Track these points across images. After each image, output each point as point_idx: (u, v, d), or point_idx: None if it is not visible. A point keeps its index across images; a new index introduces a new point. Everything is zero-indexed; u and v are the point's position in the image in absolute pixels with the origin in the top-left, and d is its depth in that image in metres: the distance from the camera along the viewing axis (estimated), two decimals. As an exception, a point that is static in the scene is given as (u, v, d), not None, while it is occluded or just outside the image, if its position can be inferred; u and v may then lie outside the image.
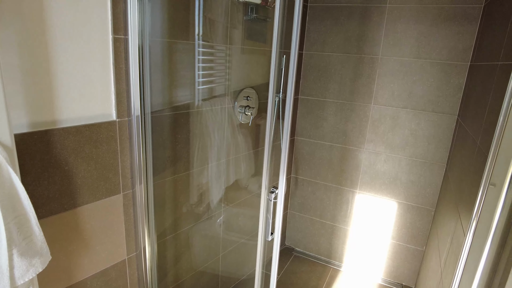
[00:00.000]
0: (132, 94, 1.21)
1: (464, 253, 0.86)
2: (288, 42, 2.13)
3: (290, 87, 0.95)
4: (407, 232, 2.17)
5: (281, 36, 0.97)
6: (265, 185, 1.01)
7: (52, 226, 1.10)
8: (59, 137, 1.06)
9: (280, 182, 1.01)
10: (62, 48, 1.01)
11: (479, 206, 0.82)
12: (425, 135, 1.98)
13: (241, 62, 1.74)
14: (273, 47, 0.93)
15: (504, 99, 0.77)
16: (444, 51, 1.84)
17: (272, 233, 1.06)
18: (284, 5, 0.96)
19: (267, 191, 1.02)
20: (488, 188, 0.80)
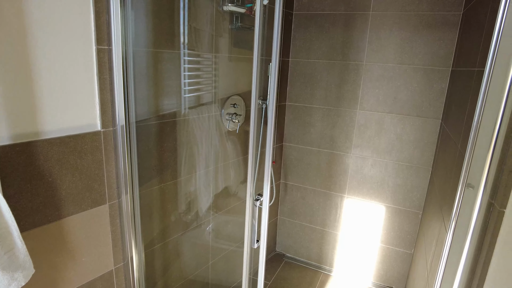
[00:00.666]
0: (116, 104, 1.21)
1: (444, 254, 0.88)
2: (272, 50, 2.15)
3: (272, 94, 0.96)
4: (395, 235, 2.19)
5: (262, 44, 0.98)
6: (250, 193, 1.02)
7: (36, 238, 1.08)
8: (43, 149, 1.05)
9: (265, 189, 1.02)
10: (45, 60, 1.01)
11: (457, 208, 0.84)
12: (410, 139, 2.02)
13: (228, 70, 1.76)
14: (254, 55, 0.95)
15: (477, 104, 0.80)
16: (426, 57, 1.88)
17: (258, 241, 1.07)
18: (264, 14, 0.98)
19: (252, 198, 1.03)
20: (466, 189, 0.82)
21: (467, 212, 0.83)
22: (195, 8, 1.51)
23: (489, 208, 0.80)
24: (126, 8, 1.17)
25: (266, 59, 2.07)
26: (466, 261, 0.85)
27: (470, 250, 0.84)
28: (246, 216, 1.04)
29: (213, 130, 1.74)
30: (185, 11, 1.46)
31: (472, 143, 0.80)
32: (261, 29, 0.92)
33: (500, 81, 0.74)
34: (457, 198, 0.84)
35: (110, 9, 1.13)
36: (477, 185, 0.81)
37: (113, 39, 1.15)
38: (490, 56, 0.75)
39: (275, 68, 0.94)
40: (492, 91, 0.77)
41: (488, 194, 0.80)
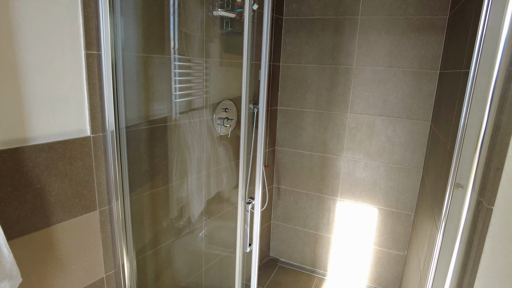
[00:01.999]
0: (106, 109, 1.20)
1: (435, 253, 0.88)
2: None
3: (263, 99, 0.97)
4: (388, 237, 2.20)
5: (251, 49, 0.99)
6: (241, 196, 1.01)
7: (24, 246, 1.06)
8: (31, 155, 1.04)
9: (257, 193, 1.02)
10: (32, 64, 1.00)
11: (447, 206, 0.85)
12: (401, 141, 2.04)
13: (219, 75, 1.76)
14: (244, 59, 0.95)
15: (463, 104, 0.81)
16: (415, 60, 1.91)
17: (250, 245, 1.06)
18: (253, 19, 0.99)
19: (244, 202, 1.03)
20: (455, 188, 0.83)
21: (457, 210, 0.84)
22: (185, 14, 1.51)
23: (478, 206, 0.81)
24: (115, 14, 1.17)
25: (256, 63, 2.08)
26: (457, 259, 0.85)
27: (461, 249, 0.85)
28: (238, 220, 1.03)
29: (204, 135, 1.74)
30: (175, 17, 1.46)
31: (459, 143, 0.81)
32: (250, 34, 0.92)
33: (484, 82, 0.76)
34: (447, 197, 0.85)
35: (99, 14, 1.12)
36: (466, 183, 0.82)
37: (102, 44, 1.15)
38: (474, 57, 0.77)
39: (265, 73, 0.94)
40: (477, 91, 0.79)
41: (476, 192, 0.81)
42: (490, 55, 0.74)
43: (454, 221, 0.85)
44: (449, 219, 0.85)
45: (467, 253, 0.84)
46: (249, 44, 0.93)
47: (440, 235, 0.87)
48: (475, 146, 0.78)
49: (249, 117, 2.08)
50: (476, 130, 0.77)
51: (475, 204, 0.81)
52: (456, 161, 0.81)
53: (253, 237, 1.06)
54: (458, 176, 0.86)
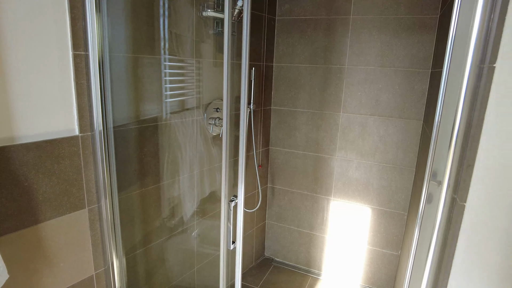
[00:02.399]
0: (94, 109, 1.22)
1: (412, 252, 0.89)
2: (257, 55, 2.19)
3: (243, 98, 0.98)
4: (382, 237, 2.20)
5: (232, 48, 1.00)
6: (224, 195, 1.03)
7: (11, 244, 1.08)
8: (18, 153, 1.06)
9: (239, 190, 1.03)
10: (20, 66, 1.02)
11: (423, 204, 0.85)
12: (393, 141, 2.04)
13: (210, 75, 1.78)
14: (224, 59, 0.97)
15: (438, 102, 0.82)
16: (406, 59, 1.91)
17: (233, 242, 1.07)
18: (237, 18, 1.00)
19: (227, 200, 1.04)
20: (430, 185, 0.84)
21: (434, 207, 0.85)
22: (175, 14, 1.53)
23: (453, 202, 0.81)
24: (102, 15, 1.19)
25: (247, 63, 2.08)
26: (434, 257, 0.86)
27: (437, 245, 0.86)
28: (221, 218, 1.04)
29: (195, 135, 1.75)
30: (165, 18, 1.48)
31: (434, 139, 0.82)
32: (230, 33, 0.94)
33: (457, 81, 0.77)
34: (423, 193, 0.85)
35: (86, 16, 1.14)
36: (442, 180, 0.83)
37: (89, 44, 1.17)
38: (446, 56, 0.77)
39: (246, 73, 0.96)
40: (450, 89, 0.80)
41: (451, 189, 0.82)
42: (462, 53, 0.75)
43: (431, 218, 0.85)
44: (426, 216, 0.86)
45: (443, 250, 0.84)
46: (230, 43, 0.94)
47: (417, 232, 0.87)
48: (449, 142, 0.79)
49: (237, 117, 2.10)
50: (450, 127, 0.78)
51: (450, 200, 0.82)
52: (432, 157, 0.82)
53: (236, 235, 1.07)
54: (434, 173, 0.87)
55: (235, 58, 1.99)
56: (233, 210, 1.04)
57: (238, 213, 1.05)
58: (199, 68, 1.71)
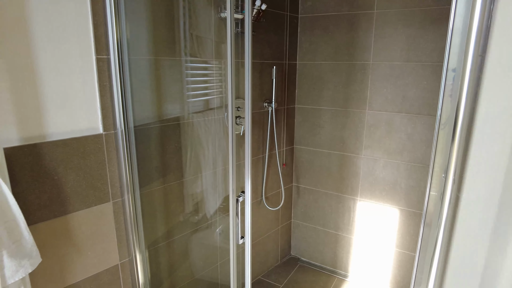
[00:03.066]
0: (116, 109, 1.31)
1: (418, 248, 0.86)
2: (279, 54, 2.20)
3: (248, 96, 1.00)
4: (411, 240, 2.11)
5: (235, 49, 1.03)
6: (232, 190, 1.06)
7: (44, 231, 1.20)
8: (48, 150, 1.17)
9: (246, 186, 1.05)
10: (49, 69, 1.13)
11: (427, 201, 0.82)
12: (422, 139, 1.95)
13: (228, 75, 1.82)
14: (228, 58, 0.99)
15: (439, 95, 0.78)
16: (434, 53, 1.82)
17: (242, 237, 1.10)
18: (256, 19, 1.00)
19: (235, 195, 1.07)
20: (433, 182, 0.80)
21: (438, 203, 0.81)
22: (195, 16, 1.59)
23: (456, 198, 0.78)
24: (122, 21, 1.27)
25: (267, 62, 2.11)
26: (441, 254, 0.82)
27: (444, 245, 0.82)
28: (230, 213, 1.08)
29: (216, 133, 1.80)
30: (183, 20, 1.54)
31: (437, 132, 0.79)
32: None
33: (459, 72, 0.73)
34: (427, 190, 0.82)
35: (107, 22, 1.23)
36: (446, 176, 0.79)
37: (111, 49, 1.26)
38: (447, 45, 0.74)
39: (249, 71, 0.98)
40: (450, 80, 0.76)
41: (456, 186, 0.78)
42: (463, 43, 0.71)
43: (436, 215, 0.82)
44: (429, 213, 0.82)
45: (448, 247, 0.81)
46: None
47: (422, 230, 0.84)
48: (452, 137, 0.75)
49: (264, 115, 2.12)
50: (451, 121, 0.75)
51: (455, 197, 0.78)
52: (434, 152, 0.79)
53: (245, 229, 1.10)
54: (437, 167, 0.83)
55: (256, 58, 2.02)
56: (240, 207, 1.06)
57: (246, 209, 1.08)
58: (219, 68, 1.76)
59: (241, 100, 1.89)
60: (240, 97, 1.89)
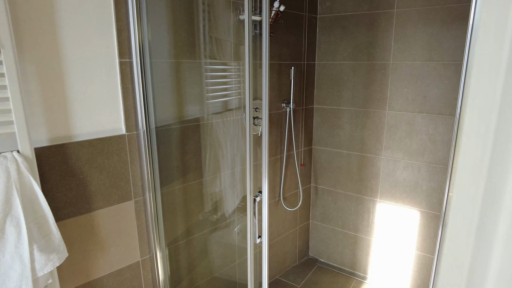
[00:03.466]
0: (138, 111, 1.35)
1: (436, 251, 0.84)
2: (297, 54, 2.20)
3: (265, 96, 1.02)
4: (431, 242, 2.06)
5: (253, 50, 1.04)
6: (249, 190, 1.07)
7: (70, 227, 1.25)
8: (74, 150, 1.22)
9: (263, 186, 1.07)
10: (76, 73, 1.19)
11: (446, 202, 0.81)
12: (444, 139, 1.90)
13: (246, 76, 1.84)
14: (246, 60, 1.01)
15: (458, 94, 0.77)
16: (457, 52, 1.77)
17: (259, 237, 1.11)
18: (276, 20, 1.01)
19: (252, 195, 1.08)
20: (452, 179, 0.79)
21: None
22: (214, 19, 1.62)
23: (478, 203, 0.76)
24: (143, 25, 1.31)
25: (285, 63, 2.12)
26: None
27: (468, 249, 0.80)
28: (247, 212, 1.09)
29: (235, 134, 1.83)
30: (204, 22, 1.57)
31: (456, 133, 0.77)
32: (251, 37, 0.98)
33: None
34: (446, 191, 0.81)
35: (129, 27, 1.28)
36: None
37: (133, 52, 1.30)
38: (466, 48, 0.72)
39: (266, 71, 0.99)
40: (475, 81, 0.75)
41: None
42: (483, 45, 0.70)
43: (455, 219, 0.81)
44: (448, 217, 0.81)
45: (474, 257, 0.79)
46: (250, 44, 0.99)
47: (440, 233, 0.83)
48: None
49: (282, 116, 2.13)
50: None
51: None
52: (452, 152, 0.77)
53: (262, 229, 1.11)
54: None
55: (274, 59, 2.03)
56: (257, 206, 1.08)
57: (263, 208, 1.09)
58: (238, 70, 1.79)
59: (259, 101, 1.90)
60: (258, 98, 1.91)
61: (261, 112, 1.90)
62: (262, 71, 1.06)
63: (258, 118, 1.89)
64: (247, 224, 1.13)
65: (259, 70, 1.73)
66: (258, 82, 1.91)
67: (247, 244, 1.16)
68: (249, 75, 1.00)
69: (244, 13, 1.66)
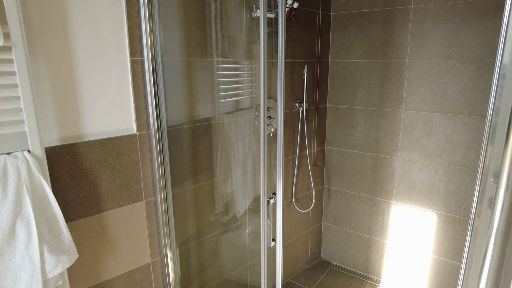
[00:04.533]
0: (150, 110, 1.33)
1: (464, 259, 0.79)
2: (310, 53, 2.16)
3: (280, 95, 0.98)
4: (449, 246, 1.99)
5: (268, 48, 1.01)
6: (263, 192, 1.04)
7: (80, 228, 1.24)
8: (85, 150, 1.21)
9: (278, 188, 1.03)
10: (86, 73, 1.17)
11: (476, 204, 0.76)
12: (462, 140, 1.83)
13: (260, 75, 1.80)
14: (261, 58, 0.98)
15: (491, 89, 0.72)
16: (477, 49, 1.71)
17: (273, 240, 1.08)
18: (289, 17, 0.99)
19: (266, 197, 1.05)
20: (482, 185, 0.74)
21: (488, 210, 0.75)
22: (226, 17, 1.59)
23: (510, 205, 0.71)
24: (155, 23, 1.29)
25: (298, 62, 2.08)
26: (491, 266, 0.76)
27: (495, 255, 0.75)
28: (261, 215, 1.06)
29: (247, 134, 1.79)
30: (215, 21, 1.54)
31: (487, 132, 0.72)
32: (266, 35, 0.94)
33: None
34: (475, 194, 0.76)
35: (141, 24, 1.25)
36: (499, 181, 0.73)
37: (144, 50, 1.28)
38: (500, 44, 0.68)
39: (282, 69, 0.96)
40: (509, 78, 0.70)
41: (510, 193, 0.72)
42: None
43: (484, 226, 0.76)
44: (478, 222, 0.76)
45: (501, 258, 0.74)
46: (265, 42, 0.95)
47: (468, 238, 0.78)
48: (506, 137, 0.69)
49: (294, 115, 2.09)
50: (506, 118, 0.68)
51: (508, 206, 0.72)
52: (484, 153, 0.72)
53: (276, 232, 1.08)
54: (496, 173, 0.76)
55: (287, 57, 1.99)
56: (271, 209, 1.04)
57: (278, 210, 1.06)
58: (251, 68, 1.75)
59: (272, 100, 1.86)
60: (271, 97, 1.87)
61: (274, 111, 1.87)
62: (277, 69, 1.02)
63: (271, 118, 1.85)
64: (260, 226, 1.10)
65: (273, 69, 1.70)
66: (271, 81, 1.87)
67: (261, 247, 1.13)
68: (264, 73, 0.96)
69: (257, 10, 1.63)
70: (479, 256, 0.78)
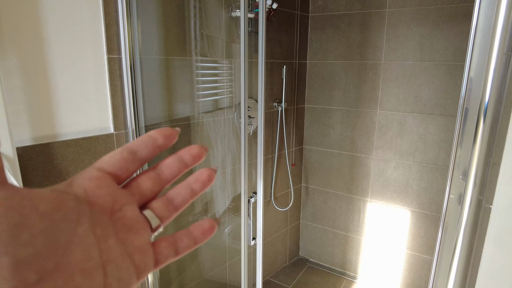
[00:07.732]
0: (127, 109, 1.30)
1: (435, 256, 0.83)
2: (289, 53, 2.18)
3: (260, 95, 0.99)
4: (422, 242, 2.07)
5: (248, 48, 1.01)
6: (244, 191, 1.04)
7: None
8: (59, 149, 1.17)
9: (258, 187, 1.04)
10: (61, 69, 1.13)
11: (446, 205, 0.80)
12: (434, 140, 1.91)
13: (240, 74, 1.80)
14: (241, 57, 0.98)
15: (461, 91, 0.76)
16: (448, 52, 1.78)
17: (254, 238, 1.08)
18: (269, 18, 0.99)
19: (246, 196, 1.05)
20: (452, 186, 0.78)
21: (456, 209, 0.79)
22: (206, 16, 1.58)
23: (479, 204, 0.75)
24: (133, 21, 1.26)
25: (277, 62, 2.09)
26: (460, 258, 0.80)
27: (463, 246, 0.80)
28: (241, 214, 1.06)
29: (227, 133, 1.79)
30: (194, 19, 1.53)
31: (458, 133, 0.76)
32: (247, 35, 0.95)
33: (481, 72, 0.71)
34: (446, 192, 0.80)
35: (119, 21, 1.23)
36: (467, 179, 0.77)
37: (122, 48, 1.25)
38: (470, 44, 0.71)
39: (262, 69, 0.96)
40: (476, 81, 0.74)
41: (477, 190, 0.76)
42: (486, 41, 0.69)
43: (454, 221, 0.80)
44: (448, 218, 0.80)
45: (469, 255, 0.78)
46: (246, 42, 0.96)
47: (440, 234, 0.82)
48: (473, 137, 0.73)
49: (273, 115, 2.10)
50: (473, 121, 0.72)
51: (476, 202, 0.76)
52: (454, 153, 0.76)
53: (257, 231, 1.09)
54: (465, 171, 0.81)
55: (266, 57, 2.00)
56: (252, 208, 1.05)
57: (258, 209, 1.06)
58: (230, 68, 1.75)
59: (251, 100, 1.87)
60: (251, 97, 1.88)
61: (254, 111, 1.88)
62: (257, 69, 1.03)
63: (250, 117, 1.85)
64: (240, 225, 1.10)
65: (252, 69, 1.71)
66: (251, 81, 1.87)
67: (241, 246, 1.13)
68: (245, 73, 0.97)
69: (236, 10, 1.63)
70: (449, 249, 0.82)
